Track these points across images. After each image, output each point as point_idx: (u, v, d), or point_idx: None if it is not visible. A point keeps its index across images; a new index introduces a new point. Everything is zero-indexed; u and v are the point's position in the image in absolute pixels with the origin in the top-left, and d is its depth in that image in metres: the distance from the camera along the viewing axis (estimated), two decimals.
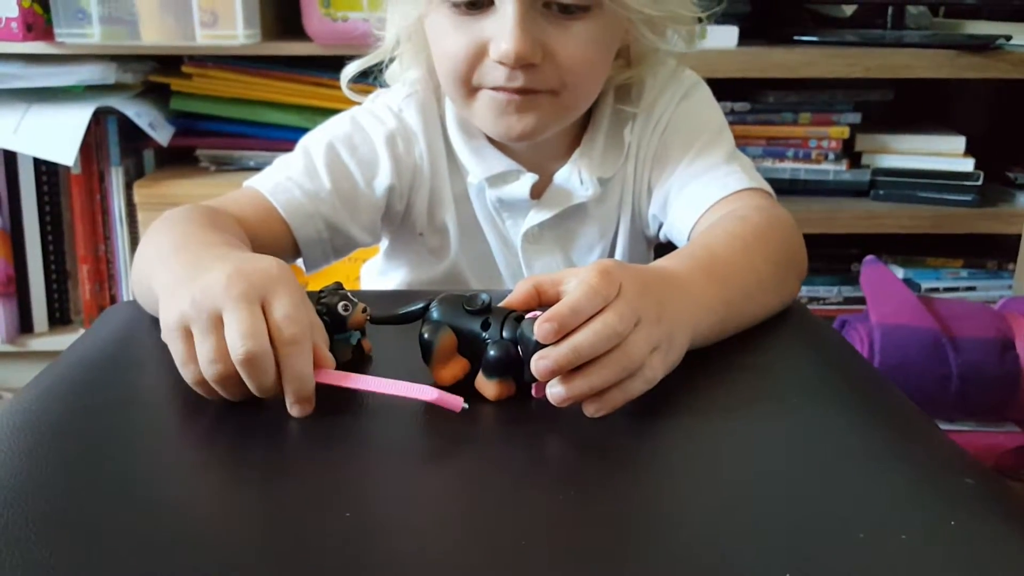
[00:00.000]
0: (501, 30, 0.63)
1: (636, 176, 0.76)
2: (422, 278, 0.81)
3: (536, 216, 0.75)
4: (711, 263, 0.59)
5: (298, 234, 0.71)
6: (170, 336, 0.48)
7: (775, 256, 0.63)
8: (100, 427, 0.47)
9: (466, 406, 0.45)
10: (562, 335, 0.45)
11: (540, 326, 0.45)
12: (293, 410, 0.46)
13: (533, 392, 0.49)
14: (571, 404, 0.46)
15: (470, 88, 0.67)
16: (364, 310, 0.54)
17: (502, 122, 0.67)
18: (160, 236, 0.59)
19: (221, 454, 0.46)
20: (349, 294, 0.54)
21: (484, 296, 0.50)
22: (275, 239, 0.70)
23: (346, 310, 0.53)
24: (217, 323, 0.46)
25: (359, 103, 0.79)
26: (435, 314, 0.50)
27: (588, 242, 0.77)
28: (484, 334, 0.49)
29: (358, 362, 0.54)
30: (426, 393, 0.46)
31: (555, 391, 0.46)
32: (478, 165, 0.73)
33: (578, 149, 0.74)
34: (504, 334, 0.48)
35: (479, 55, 0.65)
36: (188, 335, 0.47)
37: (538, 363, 0.45)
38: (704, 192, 0.71)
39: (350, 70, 0.77)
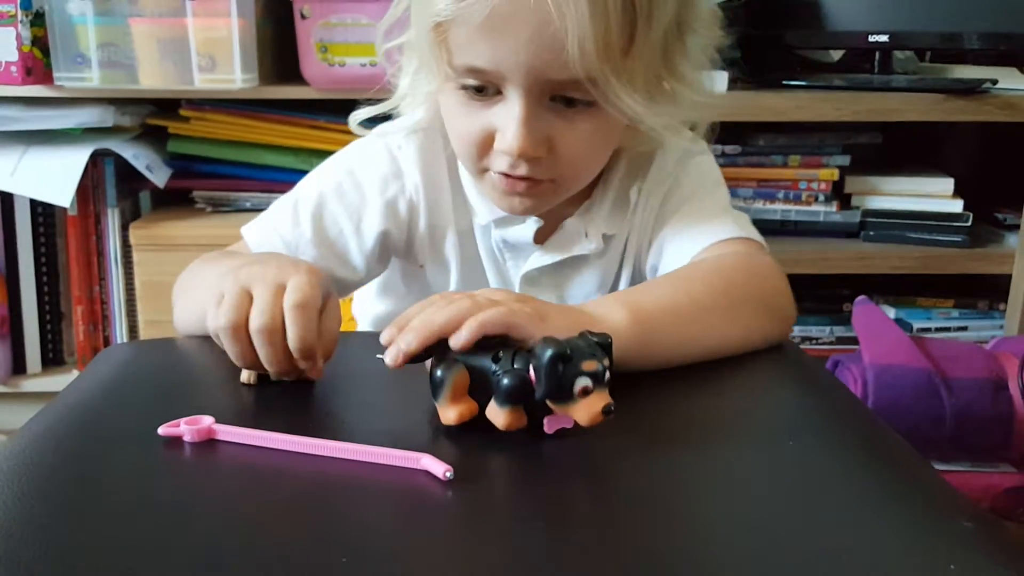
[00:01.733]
0: (507, 124, 0.64)
1: (639, 231, 0.77)
2: None
3: (537, 260, 0.76)
4: (632, 292, 0.66)
5: None
6: (211, 305, 0.56)
7: (734, 290, 0.65)
8: (95, 472, 0.47)
9: (450, 476, 0.44)
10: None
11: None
12: (302, 366, 0.54)
13: (545, 428, 0.49)
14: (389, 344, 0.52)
15: (479, 169, 0.69)
16: None
17: (506, 201, 0.70)
18: (200, 264, 0.72)
19: (217, 498, 0.45)
20: None
21: None
22: None
23: None
24: (246, 298, 0.55)
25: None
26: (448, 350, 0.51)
27: (585, 291, 0.78)
28: (495, 367, 0.49)
29: (282, 385, 0.56)
30: (413, 461, 0.46)
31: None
32: (485, 207, 0.75)
33: (586, 203, 0.76)
34: (516, 364, 0.48)
35: (487, 141, 0.66)
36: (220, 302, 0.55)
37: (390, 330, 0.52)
38: (692, 240, 0.73)
39: (361, 114, 0.77)
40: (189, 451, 0.49)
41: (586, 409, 0.46)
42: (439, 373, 0.50)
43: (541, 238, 0.76)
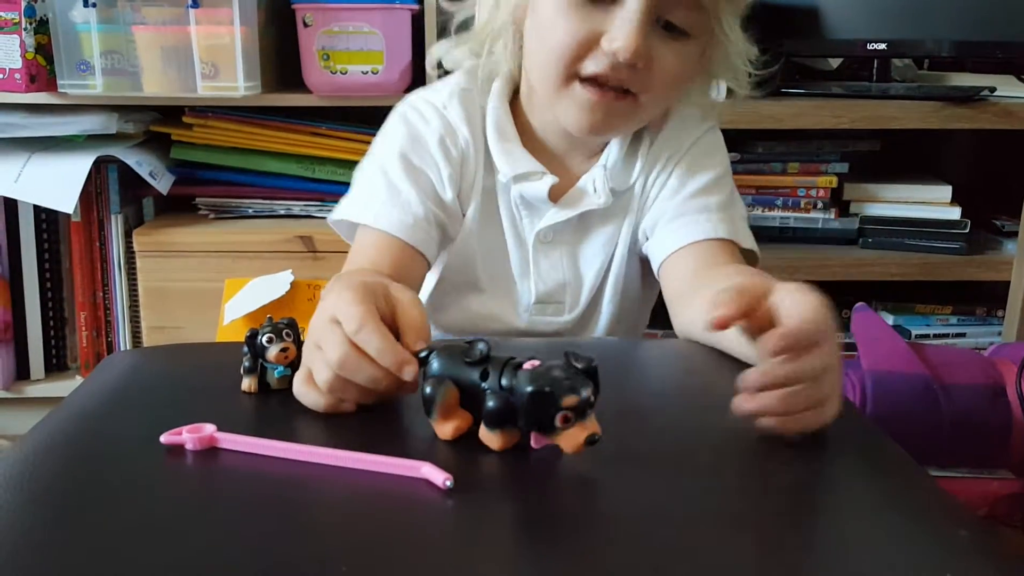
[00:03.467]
0: (621, 27, 0.69)
1: (644, 196, 0.82)
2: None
3: (551, 217, 0.80)
4: None
5: (420, 247, 0.76)
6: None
7: None
8: (97, 479, 0.47)
9: (450, 485, 0.45)
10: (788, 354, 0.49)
11: (775, 342, 0.48)
12: (405, 374, 0.51)
13: (532, 443, 0.49)
14: (755, 415, 0.50)
15: (567, 76, 0.73)
16: (284, 350, 0.57)
17: (587, 117, 0.74)
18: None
19: (218, 506, 0.46)
20: (288, 332, 0.57)
21: (482, 346, 0.50)
22: (408, 264, 0.76)
23: (269, 342, 0.57)
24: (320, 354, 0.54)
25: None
26: (435, 366, 0.51)
27: (594, 248, 0.82)
28: (484, 384, 0.49)
29: (285, 393, 0.56)
30: (414, 470, 0.46)
31: (751, 402, 0.50)
32: (507, 164, 0.79)
33: (598, 159, 0.80)
34: (503, 382, 0.48)
35: (590, 45, 0.71)
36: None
37: (751, 374, 0.49)
38: (686, 230, 0.78)
39: (441, 48, 0.83)
40: (191, 459, 0.49)
41: (569, 440, 0.46)
42: (428, 391, 0.50)
43: (555, 196, 0.80)
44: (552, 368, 0.47)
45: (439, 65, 0.86)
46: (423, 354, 0.52)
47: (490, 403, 0.48)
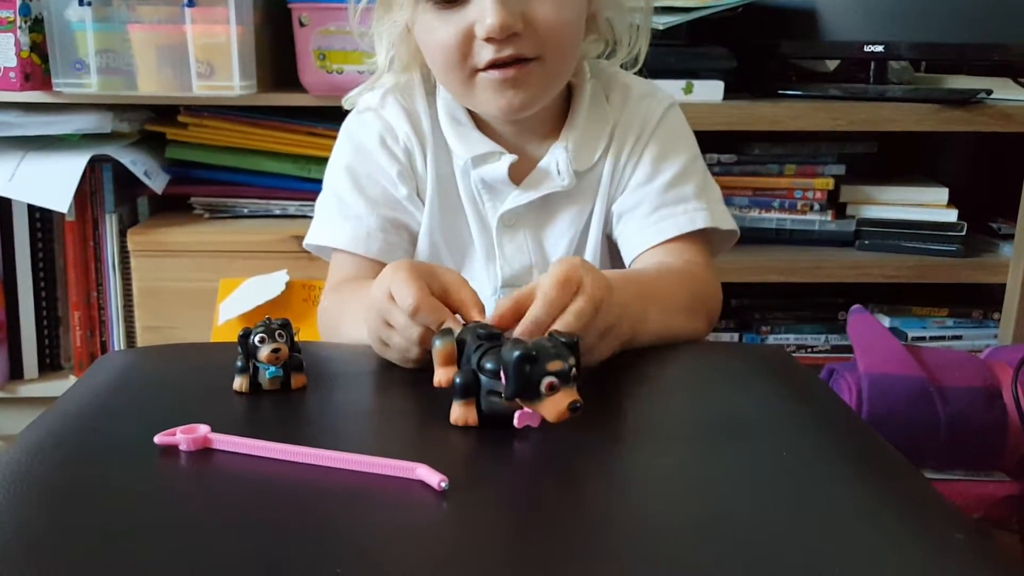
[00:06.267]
0: (482, 11, 0.70)
1: (615, 179, 0.82)
2: None
3: (514, 200, 0.80)
4: (634, 278, 0.72)
5: (380, 257, 0.79)
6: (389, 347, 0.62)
7: (689, 294, 0.74)
8: (91, 480, 0.47)
9: (445, 486, 0.45)
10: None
11: (516, 341, 0.50)
12: (471, 313, 0.58)
13: (515, 422, 0.50)
14: None
15: (467, 73, 0.73)
16: (275, 351, 0.56)
17: (502, 99, 0.74)
18: (335, 304, 0.77)
19: (212, 507, 0.45)
20: (280, 332, 0.57)
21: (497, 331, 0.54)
22: (374, 275, 0.78)
23: (261, 342, 0.56)
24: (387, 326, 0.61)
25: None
26: (455, 328, 0.56)
27: (559, 230, 0.82)
28: (471, 356, 0.52)
29: (280, 394, 0.57)
30: (409, 471, 0.46)
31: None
32: (463, 147, 0.79)
33: (558, 138, 0.80)
34: (486, 361, 0.51)
35: (468, 39, 0.71)
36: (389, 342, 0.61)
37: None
38: (664, 224, 0.79)
39: (354, 93, 0.85)
40: (185, 460, 0.49)
41: (553, 406, 0.48)
42: (435, 339, 0.55)
43: (517, 179, 0.80)
44: (537, 341, 0.50)
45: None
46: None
47: (458, 378, 0.51)
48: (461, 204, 0.82)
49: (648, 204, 0.80)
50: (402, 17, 0.76)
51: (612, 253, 0.84)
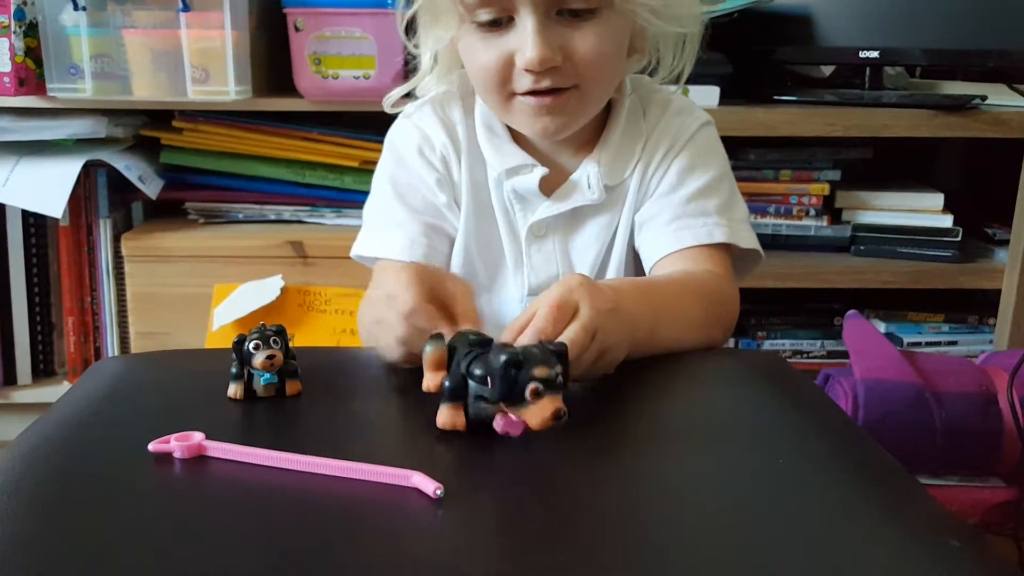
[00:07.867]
0: (523, 42, 0.71)
1: (641, 190, 0.82)
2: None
3: (544, 211, 0.81)
4: (648, 290, 0.71)
5: (425, 262, 0.79)
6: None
7: (704, 305, 0.73)
8: (85, 488, 0.47)
9: (441, 494, 0.45)
10: None
11: (504, 346, 0.50)
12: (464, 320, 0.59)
13: (497, 427, 0.50)
14: None
15: (505, 95, 0.76)
16: (270, 357, 0.56)
17: (539, 123, 0.76)
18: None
19: (206, 515, 0.45)
20: (275, 339, 0.57)
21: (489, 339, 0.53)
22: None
23: (256, 348, 0.56)
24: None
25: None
26: (448, 336, 0.55)
27: (586, 242, 0.83)
28: (460, 362, 0.52)
29: (275, 401, 0.57)
30: (404, 479, 0.46)
31: None
32: (497, 159, 0.81)
33: (592, 153, 0.81)
34: (474, 367, 0.51)
35: (508, 66, 0.73)
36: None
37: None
38: (682, 234, 0.79)
39: (394, 94, 0.86)
40: (179, 467, 0.48)
41: (537, 413, 0.48)
42: (427, 344, 0.55)
43: (548, 190, 0.80)
44: (525, 347, 0.50)
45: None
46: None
47: (447, 381, 0.51)
48: (494, 213, 0.83)
49: (669, 213, 0.80)
50: (447, 32, 0.78)
51: (638, 264, 0.84)
